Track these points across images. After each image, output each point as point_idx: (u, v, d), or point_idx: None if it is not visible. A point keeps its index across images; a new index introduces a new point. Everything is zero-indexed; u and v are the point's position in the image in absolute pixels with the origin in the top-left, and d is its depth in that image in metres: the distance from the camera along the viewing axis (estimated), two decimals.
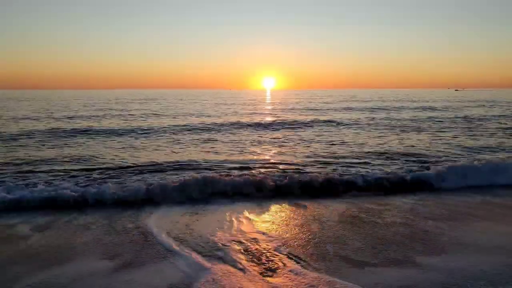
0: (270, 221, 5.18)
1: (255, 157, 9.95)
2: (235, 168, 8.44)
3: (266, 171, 7.99)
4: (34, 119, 20.61)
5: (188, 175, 7.20)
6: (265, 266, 3.78)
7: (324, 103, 40.90)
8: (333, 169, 8.28)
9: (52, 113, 25.25)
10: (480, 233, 4.65)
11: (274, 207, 5.77)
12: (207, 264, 3.83)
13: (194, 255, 4.05)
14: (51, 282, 3.53)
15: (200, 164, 8.94)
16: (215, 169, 8.31)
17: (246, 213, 5.44)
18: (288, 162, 9.22)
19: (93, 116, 22.91)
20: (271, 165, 8.81)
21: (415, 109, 30.03)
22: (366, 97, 56.49)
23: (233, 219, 5.22)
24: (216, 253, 4.11)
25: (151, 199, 5.95)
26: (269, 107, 33.76)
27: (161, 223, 5.09)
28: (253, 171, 8.08)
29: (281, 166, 8.67)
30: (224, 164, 8.93)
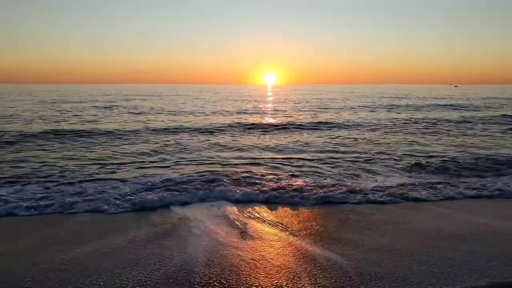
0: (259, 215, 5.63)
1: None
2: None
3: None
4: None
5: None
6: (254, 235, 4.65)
7: (342, 100, 40.74)
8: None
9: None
10: None
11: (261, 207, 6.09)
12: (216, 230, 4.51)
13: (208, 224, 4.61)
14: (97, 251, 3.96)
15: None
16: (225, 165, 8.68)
17: (241, 209, 5.96)
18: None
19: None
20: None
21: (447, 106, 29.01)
22: (383, 93, 55.01)
23: (229, 210, 5.77)
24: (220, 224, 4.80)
25: None
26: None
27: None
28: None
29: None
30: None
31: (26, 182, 7.05)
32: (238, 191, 6.54)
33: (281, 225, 5.12)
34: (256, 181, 7.28)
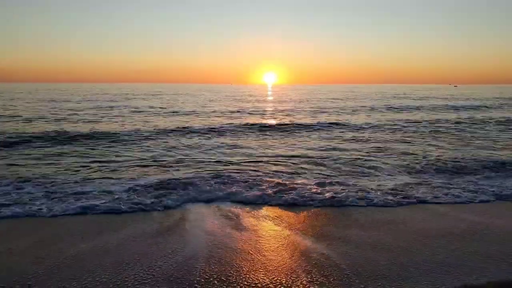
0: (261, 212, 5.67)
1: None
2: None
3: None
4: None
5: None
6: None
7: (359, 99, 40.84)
8: None
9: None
10: None
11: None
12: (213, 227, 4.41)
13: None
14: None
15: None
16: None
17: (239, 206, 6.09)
18: None
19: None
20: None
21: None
22: (383, 93, 54.66)
23: (229, 209, 5.81)
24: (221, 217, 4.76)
25: None
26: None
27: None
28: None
29: None
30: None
31: (26, 181, 7.09)
32: (239, 190, 6.59)
33: (281, 224, 5.16)
34: (257, 180, 7.31)
